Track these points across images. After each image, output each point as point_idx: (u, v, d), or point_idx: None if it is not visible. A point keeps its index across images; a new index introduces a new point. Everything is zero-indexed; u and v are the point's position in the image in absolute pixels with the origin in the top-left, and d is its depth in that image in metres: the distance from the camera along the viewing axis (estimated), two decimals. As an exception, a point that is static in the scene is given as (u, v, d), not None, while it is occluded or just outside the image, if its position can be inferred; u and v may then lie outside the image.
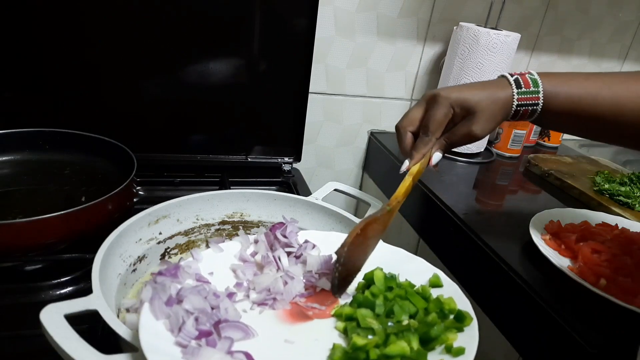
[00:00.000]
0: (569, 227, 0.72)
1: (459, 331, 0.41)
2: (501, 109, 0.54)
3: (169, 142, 0.86)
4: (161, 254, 0.59)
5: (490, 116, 0.53)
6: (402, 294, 0.46)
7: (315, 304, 0.46)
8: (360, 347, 0.39)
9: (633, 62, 1.26)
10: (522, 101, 0.53)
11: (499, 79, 0.56)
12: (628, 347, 0.52)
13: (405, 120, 0.56)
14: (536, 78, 0.54)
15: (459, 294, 0.46)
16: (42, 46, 0.74)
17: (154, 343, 0.37)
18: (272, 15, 0.82)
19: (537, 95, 0.53)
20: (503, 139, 1.04)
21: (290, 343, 0.42)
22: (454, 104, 0.53)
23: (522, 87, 0.53)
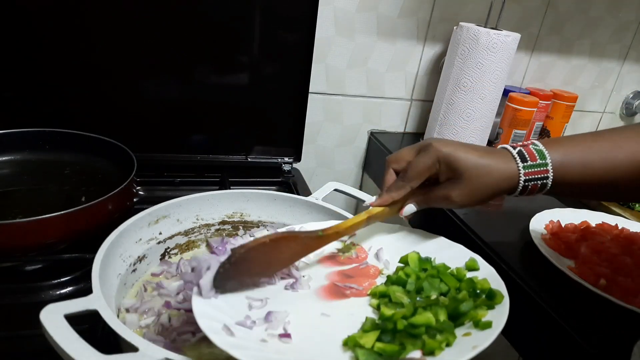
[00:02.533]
0: (569, 227, 0.72)
1: (490, 309, 0.42)
2: (495, 185, 0.48)
3: (169, 142, 0.86)
4: (161, 254, 0.59)
5: (477, 188, 0.48)
6: (435, 274, 0.47)
7: (353, 285, 0.49)
8: (388, 317, 0.41)
9: (633, 62, 1.26)
10: (530, 175, 0.48)
11: (500, 151, 0.50)
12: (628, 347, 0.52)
13: (393, 156, 0.53)
14: (541, 149, 0.49)
15: (495, 276, 0.46)
16: (42, 46, 0.74)
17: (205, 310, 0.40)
18: (272, 16, 0.82)
19: (545, 168, 0.48)
20: (503, 139, 1.04)
21: (326, 316, 0.44)
22: (442, 159, 0.49)
23: (528, 160, 0.48)
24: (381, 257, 0.53)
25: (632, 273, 0.61)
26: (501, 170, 0.48)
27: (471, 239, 0.71)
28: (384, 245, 0.54)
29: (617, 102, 1.33)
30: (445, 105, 0.98)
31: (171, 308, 0.50)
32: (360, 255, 0.54)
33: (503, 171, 0.48)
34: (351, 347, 0.39)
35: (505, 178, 0.48)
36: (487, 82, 0.93)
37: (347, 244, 0.55)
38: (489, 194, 0.49)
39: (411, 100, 1.09)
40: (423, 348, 0.38)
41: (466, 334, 0.39)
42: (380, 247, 0.54)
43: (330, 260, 0.53)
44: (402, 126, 1.12)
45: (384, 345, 0.38)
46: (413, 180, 0.51)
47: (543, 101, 1.09)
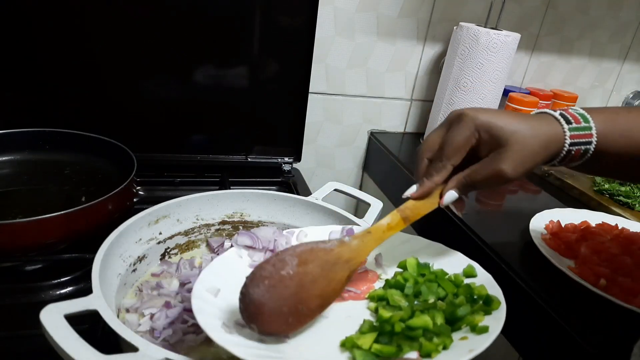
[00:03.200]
0: (569, 227, 0.72)
1: (487, 314, 0.42)
2: (544, 148, 0.43)
3: (169, 142, 0.86)
4: (161, 254, 0.59)
5: (528, 154, 0.43)
6: (433, 279, 0.47)
7: (351, 288, 0.48)
8: (386, 320, 0.41)
9: (633, 62, 1.26)
10: (576, 139, 0.44)
11: (540, 114, 0.46)
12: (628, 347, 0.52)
13: (424, 145, 0.47)
14: (583, 113, 0.45)
15: (492, 282, 0.46)
16: (42, 46, 0.74)
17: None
18: (272, 15, 0.82)
19: (590, 132, 0.44)
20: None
21: (324, 317, 0.44)
22: (481, 127, 0.43)
23: (572, 122, 0.44)
24: (380, 263, 0.53)
25: (632, 273, 0.61)
26: (547, 132, 0.43)
27: (471, 239, 0.71)
28: (383, 251, 0.54)
29: (617, 102, 1.33)
30: (445, 105, 0.98)
31: (171, 308, 0.50)
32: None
33: (549, 133, 0.43)
34: (349, 347, 0.39)
35: (553, 140, 0.43)
36: (487, 82, 0.93)
37: None
38: (539, 159, 0.44)
39: (411, 100, 1.09)
40: (420, 350, 0.38)
41: (463, 337, 0.40)
42: (379, 253, 0.54)
43: None
44: (402, 126, 1.12)
45: (381, 346, 0.39)
46: (453, 157, 0.44)
47: (543, 101, 1.09)
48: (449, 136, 0.44)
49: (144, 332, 0.48)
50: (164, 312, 0.49)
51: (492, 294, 0.44)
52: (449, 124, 0.45)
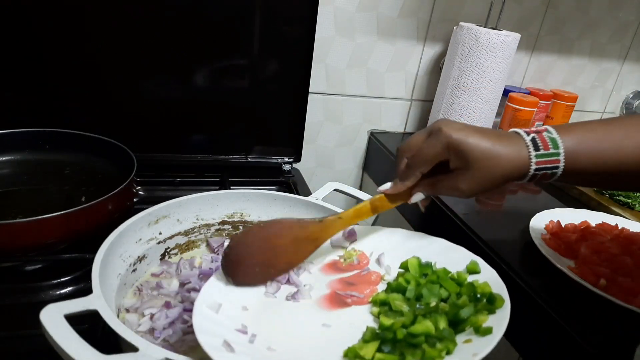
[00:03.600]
0: (569, 227, 0.72)
1: (491, 313, 0.42)
2: (505, 175, 0.47)
3: (169, 142, 0.86)
4: (161, 254, 0.59)
5: (486, 178, 0.47)
6: (435, 279, 0.47)
7: (354, 292, 0.49)
8: (387, 327, 0.41)
9: (633, 62, 1.26)
10: (542, 164, 0.46)
11: (512, 136, 0.48)
12: (628, 347, 0.52)
13: (404, 145, 0.51)
14: (555, 137, 0.47)
15: (496, 279, 0.46)
16: (42, 46, 0.74)
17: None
18: (272, 15, 0.82)
19: (557, 157, 0.46)
20: (503, 139, 1.04)
21: (327, 327, 0.44)
22: (451, 146, 0.47)
23: (541, 148, 0.46)
24: (382, 263, 0.53)
25: (632, 273, 0.61)
26: (512, 158, 0.46)
27: (471, 239, 0.71)
28: (386, 250, 0.54)
29: (617, 102, 1.33)
30: (445, 105, 0.98)
31: (171, 308, 0.50)
32: (362, 262, 0.54)
33: (514, 160, 0.46)
34: (351, 358, 0.39)
35: (516, 167, 0.46)
36: (487, 82, 0.93)
37: (349, 251, 0.55)
38: (497, 183, 0.47)
39: (411, 100, 1.09)
40: (423, 357, 0.38)
41: (467, 340, 0.39)
42: (381, 253, 0.54)
43: (331, 268, 0.53)
44: (402, 126, 1.12)
45: (383, 355, 0.38)
46: (421, 166, 0.49)
47: (543, 101, 1.09)
48: (422, 147, 0.49)
49: (144, 332, 0.48)
50: (164, 312, 0.49)
51: (496, 292, 0.44)
52: (429, 133, 0.49)
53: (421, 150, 0.49)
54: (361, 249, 0.55)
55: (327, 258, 0.54)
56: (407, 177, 0.50)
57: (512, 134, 0.48)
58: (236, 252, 0.46)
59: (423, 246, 0.53)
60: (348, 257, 0.54)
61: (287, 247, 0.49)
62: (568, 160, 0.47)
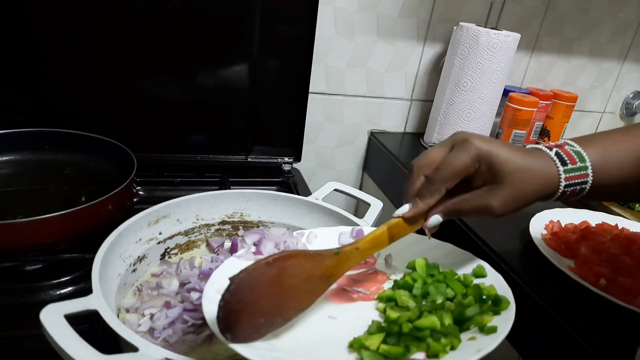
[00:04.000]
0: (569, 227, 0.72)
1: (496, 314, 0.42)
2: (538, 192, 0.43)
3: (169, 142, 0.86)
4: (161, 254, 0.59)
5: (520, 194, 0.42)
6: (441, 279, 0.47)
7: (360, 289, 0.49)
8: (393, 320, 0.41)
9: (633, 62, 1.26)
10: (571, 180, 0.43)
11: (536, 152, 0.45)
12: (628, 347, 0.52)
13: (422, 159, 0.45)
14: (579, 150, 0.44)
15: (501, 282, 0.46)
16: (42, 46, 0.74)
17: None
18: (272, 15, 0.82)
19: (585, 172, 0.44)
20: (503, 139, 1.04)
21: (333, 318, 0.44)
22: (483, 158, 0.42)
23: (568, 163, 0.43)
24: (389, 263, 0.53)
25: (632, 273, 0.61)
26: (544, 174, 0.43)
27: (471, 239, 0.71)
28: (393, 251, 0.54)
29: (617, 102, 1.33)
30: (445, 105, 0.98)
31: (171, 308, 0.50)
32: (369, 261, 0.54)
33: (544, 175, 0.43)
34: (357, 348, 0.39)
35: (548, 182, 0.43)
36: (487, 82, 0.93)
37: None
38: (531, 200, 0.44)
39: (411, 100, 1.09)
40: (427, 351, 0.38)
41: (471, 338, 0.40)
42: (388, 253, 0.54)
43: None
44: (402, 126, 1.12)
45: (389, 347, 0.39)
46: (448, 181, 0.43)
47: (543, 101, 1.09)
48: (449, 158, 0.44)
49: (144, 332, 0.48)
50: (164, 312, 0.49)
51: (501, 294, 0.44)
52: (452, 145, 0.45)
53: (446, 162, 0.43)
54: None
55: None
56: (429, 195, 0.45)
57: (534, 148, 0.45)
58: (239, 298, 0.36)
59: (430, 249, 0.53)
60: None
61: (299, 288, 0.41)
62: (596, 174, 0.44)
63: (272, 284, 0.39)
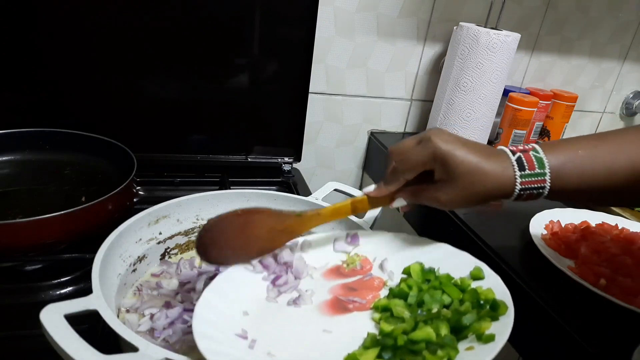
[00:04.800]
0: (569, 227, 0.72)
1: (494, 320, 0.41)
2: (488, 194, 0.46)
3: (169, 142, 0.86)
4: (161, 254, 0.59)
5: (469, 194, 0.46)
6: (437, 285, 0.47)
7: (356, 298, 0.48)
8: (387, 333, 0.41)
9: (633, 62, 1.26)
10: (526, 185, 0.46)
11: (499, 154, 0.48)
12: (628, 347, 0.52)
13: (395, 148, 0.50)
14: (541, 156, 0.46)
15: (500, 285, 0.45)
16: (42, 46, 0.74)
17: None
18: (272, 15, 0.82)
19: (543, 177, 0.46)
20: (503, 139, 1.04)
21: (328, 332, 0.44)
22: (438, 157, 0.46)
23: (526, 168, 0.46)
24: (385, 268, 0.53)
25: (632, 273, 0.61)
26: (497, 177, 0.46)
27: (471, 239, 0.71)
28: (389, 255, 0.54)
29: (617, 102, 1.33)
30: (445, 105, 0.98)
31: (171, 308, 0.50)
32: (365, 267, 0.53)
33: (499, 178, 0.46)
34: None
35: (500, 186, 0.46)
36: (487, 82, 0.93)
37: (352, 256, 0.55)
38: (479, 200, 0.47)
39: (411, 100, 1.09)
40: None
41: (469, 347, 0.39)
42: (384, 258, 0.54)
43: (334, 273, 0.53)
44: (402, 126, 1.12)
45: None
46: (406, 173, 0.49)
47: (543, 101, 1.09)
48: (410, 153, 0.48)
49: (144, 332, 0.48)
50: (164, 312, 0.49)
51: (499, 299, 0.43)
52: (419, 141, 0.48)
53: (408, 157, 0.48)
54: (364, 254, 0.55)
55: (330, 263, 0.54)
56: (391, 182, 0.50)
57: (500, 151, 0.48)
58: (210, 235, 0.47)
59: (427, 251, 0.53)
60: (351, 262, 0.54)
61: (262, 236, 0.50)
62: (554, 180, 0.46)
63: (239, 229, 0.48)
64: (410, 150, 0.48)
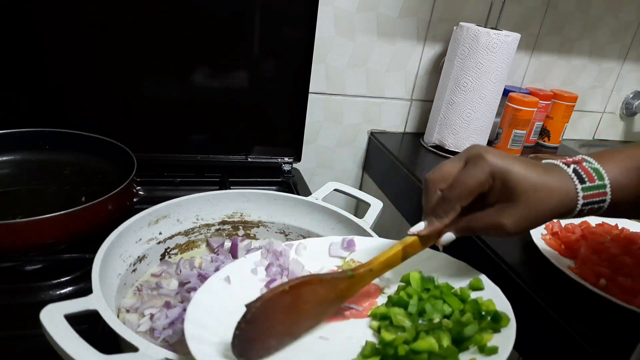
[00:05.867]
0: (569, 227, 0.72)
1: (496, 332, 0.40)
2: (553, 211, 0.42)
3: (169, 142, 0.86)
4: (161, 254, 0.59)
5: (534, 213, 0.41)
6: (438, 295, 0.45)
7: (352, 305, 0.46)
8: (388, 343, 0.39)
9: (633, 62, 1.26)
10: (589, 199, 0.42)
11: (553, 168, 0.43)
12: (628, 347, 0.52)
13: (436, 174, 0.45)
14: (598, 167, 0.43)
15: (500, 296, 0.44)
16: (42, 46, 0.74)
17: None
18: (272, 15, 0.82)
19: (604, 190, 0.42)
20: (503, 139, 1.04)
21: (324, 339, 0.42)
22: (497, 175, 0.41)
23: (586, 181, 0.42)
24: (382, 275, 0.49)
25: (632, 273, 0.61)
26: (561, 192, 0.42)
27: (471, 239, 0.71)
28: None
29: (617, 102, 1.33)
30: (445, 105, 0.98)
31: (171, 308, 0.50)
32: None
33: (562, 193, 0.42)
34: None
35: (564, 201, 0.42)
36: (487, 82, 0.93)
37: (347, 261, 0.53)
38: (545, 219, 0.42)
39: (411, 100, 1.09)
40: None
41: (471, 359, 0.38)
42: None
43: None
44: (402, 126, 1.12)
45: None
46: (463, 199, 0.43)
47: (543, 101, 1.09)
48: (463, 175, 0.43)
49: (144, 332, 0.48)
50: (164, 312, 0.49)
51: (501, 310, 0.42)
52: (465, 160, 0.44)
53: (460, 181, 0.43)
54: (360, 260, 0.52)
55: (325, 269, 0.52)
56: (445, 213, 0.44)
57: (551, 164, 0.44)
58: (254, 327, 0.37)
59: (424, 259, 0.51)
60: (346, 267, 0.52)
61: (311, 311, 0.42)
62: (615, 192, 0.42)
63: (287, 310, 0.40)
64: (460, 173, 0.43)
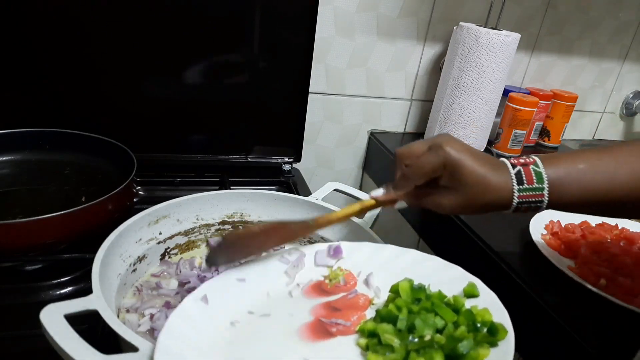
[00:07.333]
0: (569, 227, 0.72)
1: (493, 346, 0.38)
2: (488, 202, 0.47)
3: (169, 142, 0.86)
4: (161, 254, 0.59)
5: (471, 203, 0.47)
6: (429, 307, 0.42)
7: (339, 320, 0.44)
8: None
9: (633, 62, 1.26)
10: (524, 198, 0.47)
11: (502, 165, 0.48)
12: (628, 347, 0.52)
13: (405, 151, 0.51)
14: (540, 171, 0.47)
15: (497, 304, 0.42)
16: (42, 46, 0.74)
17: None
18: (272, 15, 0.82)
19: (541, 192, 0.47)
20: (503, 139, 1.04)
21: None
22: (449, 165, 0.47)
23: (525, 182, 0.47)
24: (371, 284, 0.49)
25: (632, 273, 0.61)
26: (498, 188, 0.47)
27: (471, 239, 0.71)
28: (374, 269, 0.50)
29: (617, 102, 1.33)
30: (445, 105, 0.98)
31: (171, 308, 0.50)
32: (349, 282, 0.49)
33: (500, 191, 0.47)
34: None
35: (500, 198, 0.47)
36: (487, 82, 0.93)
37: (335, 270, 0.51)
38: (478, 210, 0.48)
39: (411, 100, 1.09)
40: None
41: None
42: (370, 272, 0.50)
43: (315, 290, 0.49)
44: (402, 126, 1.12)
45: None
46: (417, 179, 0.49)
47: (543, 101, 1.09)
48: (421, 159, 0.48)
49: (144, 332, 0.48)
50: (164, 312, 0.50)
51: (497, 321, 0.39)
52: (430, 146, 0.49)
53: (419, 164, 0.49)
54: (348, 268, 0.51)
55: (312, 279, 0.50)
56: (401, 187, 0.51)
57: (501, 163, 0.49)
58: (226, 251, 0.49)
59: (415, 265, 0.49)
60: (334, 277, 0.50)
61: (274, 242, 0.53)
62: (553, 194, 0.47)
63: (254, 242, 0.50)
64: (421, 156, 0.49)
